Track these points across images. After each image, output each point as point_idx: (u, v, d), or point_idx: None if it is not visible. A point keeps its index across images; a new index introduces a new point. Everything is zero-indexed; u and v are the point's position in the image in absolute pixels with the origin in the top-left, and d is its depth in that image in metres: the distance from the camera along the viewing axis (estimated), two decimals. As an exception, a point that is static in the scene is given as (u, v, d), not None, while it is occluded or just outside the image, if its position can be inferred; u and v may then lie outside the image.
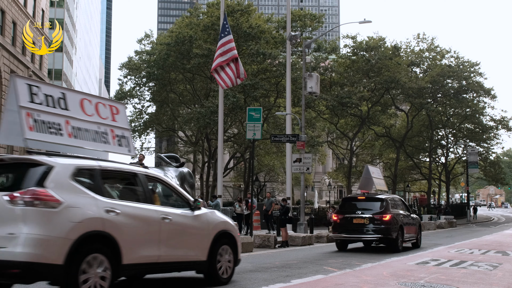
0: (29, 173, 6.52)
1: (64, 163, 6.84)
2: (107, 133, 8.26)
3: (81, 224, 6.48)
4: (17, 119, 6.97)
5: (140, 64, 42.84)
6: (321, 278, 9.97)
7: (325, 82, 42.11)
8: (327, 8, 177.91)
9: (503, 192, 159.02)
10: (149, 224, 7.50)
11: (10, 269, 6.06)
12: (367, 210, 16.66)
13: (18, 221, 6.11)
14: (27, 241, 6.03)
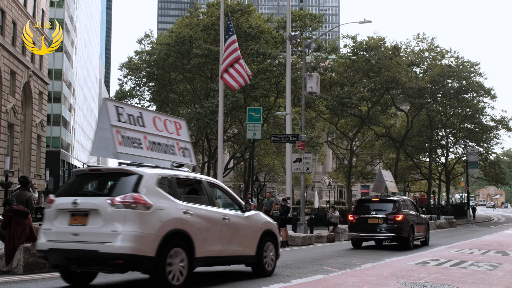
0: (124, 181, 7.84)
1: (150, 172, 8.09)
2: (174, 146, 9.63)
3: (167, 223, 7.77)
4: (108, 136, 8.28)
5: (140, 64, 42.82)
6: (321, 278, 9.97)
7: (325, 82, 42.09)
8: (327, 8, 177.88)
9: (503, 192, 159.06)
10: (214, 224, 8.84)
11: (115, 260, 7.30)
12: (381, 211, 17.96)
13: (120, 220, 7.37)
14: (128, 237, 7.30)
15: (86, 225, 7.57)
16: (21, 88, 40.47)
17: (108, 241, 7.31)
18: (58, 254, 7.81)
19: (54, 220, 7.97)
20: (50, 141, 65.24)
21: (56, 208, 8.00)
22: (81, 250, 7.49)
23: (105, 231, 7.38)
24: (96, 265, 7.66)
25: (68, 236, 7.69)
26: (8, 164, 36.21)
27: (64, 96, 73.35)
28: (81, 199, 7.78)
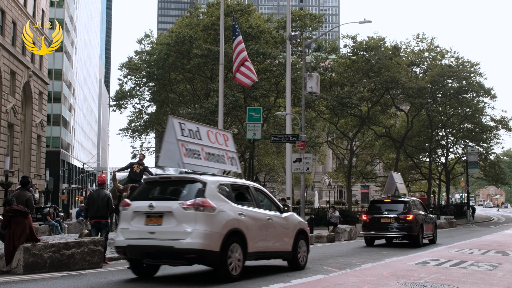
0: (191, 187, 9.24)
1: (212, 180, 9.47)
2: (224, 156, 11.06)
3: (227, 223, 9.10)
4: (173, 148, 9.74)
5: (140, 64, 42.82)
6: (321, 278, 9.97)
7: (325, 82, 42.08)
8: (327, 8, 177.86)
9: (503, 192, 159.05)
10: (261, 223, 10.17)
11: (188, 254, 8.66)
12: (392, 211, 19.26)
13: (191, 221, 8.73)
14: (198, 235, 8.65)
15: (161, 225, 8.94)
16: (21, 88, 40.47)
17: (181, 238, 8.69)
18: (136, 249, 9.13)
19: (131, 221, 9.29)
20: (50, 141, 65.24)
21: (133, 210, 9.31)
22: (158, 246, 8.85)
23: (179, 230, 8.74)
24: (170, 259, 9.09)
25: (145, 234, 9.05)
26: (8, 164, 36.20)
27: (64, 96, 73.35)
28: (156, 203, 9.13)
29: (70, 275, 10.25)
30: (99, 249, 11.64)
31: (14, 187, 32.61)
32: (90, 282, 9.44)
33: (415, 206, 19.91)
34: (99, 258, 11.63)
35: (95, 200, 12.77)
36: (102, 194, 12.85)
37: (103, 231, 12.89)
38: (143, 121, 45.80)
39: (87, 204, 13.10)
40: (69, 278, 9.83)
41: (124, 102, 44.77)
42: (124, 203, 9.59)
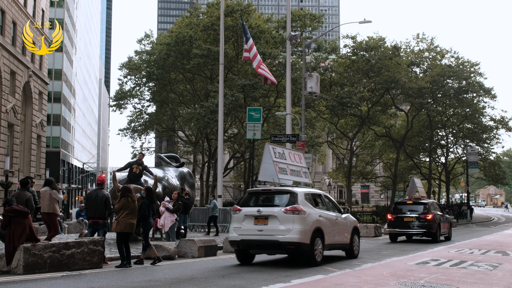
0: (287, 196, 12.47)
1: (300, 190, 12.75)
2: (300, 171, 15.03)
3: (313, 223, 12.28)
4: (269, 167, 13.57)
5: (140, 64, 42.80)
6: (321, 278, 9.98)
7: (325, 82, 42.06)
8: (327, 8, 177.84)
9: (503, 192, 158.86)
10: (332, 222, 13.34)
11: (289, 246, 11.87)
12: (414, 211, 21.98)
13: (290, 222, 11.87)
14: (296, 232, 11.79)
15: (267, 225, 12.06)
16: (21, 88, 40.47)
17: (284, 234, 11.83)
18: (247, 243, 12.32)
19: (242, 222, 12.40)
20: (50, 141, 65.24)
21: (244, 214, 12.44)
22: (266, 240, 12.04)
23: (281, 228, 11.88)
24: (274, 249, 12.52)
25: (254, 232, 12.13)
26: (8, 164, 36.20)
27: (64, 96, 73.35)
28: (262, 208, 12.34)
29: (70, 275, 10.25)
30: (99, 249, 11.64)
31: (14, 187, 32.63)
32: (90, 282, 9.44)
33: (433, 207, 22.74)
34: (99, 258, 11.63)
35: (93, 201, 12.75)
36: (100, 195, 12.82)
37: (100, 232, 12.85)
38: (143, 121, 45.78)
39: (86, 204, 13.10)
40: (69, 278, 9.83)
41: (124, 102, 44.76)
42: (235, 208, 12.75)
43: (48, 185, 13.42)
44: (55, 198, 13.28)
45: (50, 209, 13.27)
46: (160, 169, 20.58)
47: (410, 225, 21.58)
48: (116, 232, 11.90)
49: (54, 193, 13.27)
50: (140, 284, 9.26)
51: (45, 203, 13.37)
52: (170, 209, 16.46)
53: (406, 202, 23.34)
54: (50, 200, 13.22)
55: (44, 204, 13.40)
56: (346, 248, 14.23)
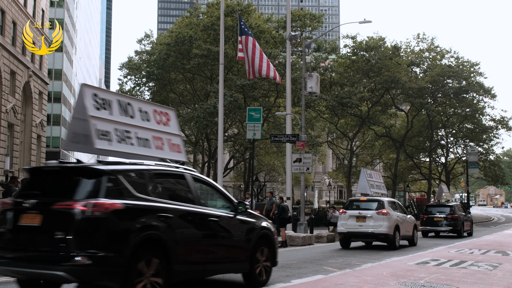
0: (377, 203, 18.49)
1: (386, 199, 19.25)
2: (380, 185, 23.73)
3: (394, 221, 17.95)
4: (366, 183, 21.42)
5: (140, 64, 42.78)
6: (321, 278, 9.98)
7: (325, 82, 42.05)
8: (327, 8, 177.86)
9: (503, 192, 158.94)
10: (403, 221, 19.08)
11: (381, 236, 17.76)
12: (442, 212, 26.73)
13: (381, 220, 17.80)
14: (385, 227, 17.66)
15: (365, 222, 18.11)
16: (21, 88, 40.47)
17: (377, 228, 17.81)
18: (351, 234, 18.44)
19: (347, 220, 18.47)
20: (50, 141, 65.24)
21: (348, 214, 18.52)
22: (364, 232, 18.10)
23: (375, 224, 17.89)
24: (370, 238, 18.42)
25: (356, 227, 18.27)
26: (8, 164, 36.19)
27: (64, 96, 73.35)
28: (362, 211, 18.38)
29: (70, 275, 10.22)
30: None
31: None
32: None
33: (458, 208, 27.52)
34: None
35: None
36: None
37: None
38: (143, 121, 45.71)
39: None
40: (69, 278, 9.80)
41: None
42: (342, 211, 19.24)
43: None
44: None
45: None
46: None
47: (439, 224, 26.40)
48: None
49: None
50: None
51: None
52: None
53: (435, 205, 28.81)
54: None
55: None
56: (409, 239, 19.70)
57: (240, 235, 8.59)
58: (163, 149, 8.53)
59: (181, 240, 7.23)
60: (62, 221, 6.30)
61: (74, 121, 7.67)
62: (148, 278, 6.65)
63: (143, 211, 6.83)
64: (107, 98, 7.68)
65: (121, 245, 6.39)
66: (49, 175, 7.23)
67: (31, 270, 6.40)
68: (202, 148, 45.25)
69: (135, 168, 7.33)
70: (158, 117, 8.69)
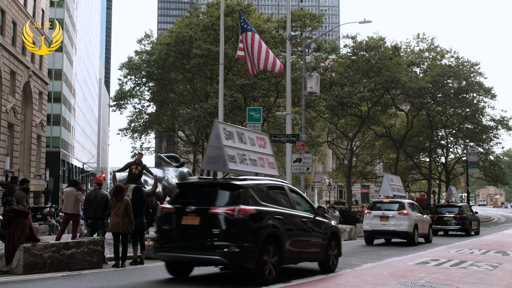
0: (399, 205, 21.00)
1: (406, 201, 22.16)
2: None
3: (414, 220, 20.45)
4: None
5: (140, 64, 42.77)
6: (321, 278, 9.98)
7: (325, 82, 42.03)
8: (327, 8, 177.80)
9: (503, 192, 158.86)
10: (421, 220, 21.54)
11: (402, 233, 20.14)
12: (451, 212, 28.47)
13: (402, 219, 20.09)
14: (406, 225, 19.97)
15: (388, 221, 20.24)
16: (21, 88, 40.47)
17: (399, 227, 19.93)
18: (375, 231, 20.64)
19: (372, 220, 20.64)
20: (50, 141, 65.22)
21: (373, 214, 20.70)
22: (388, 230, 20.23)
23: (397, 223, 20.05)
24: (392, 235, 20.60)
25: (380, 225, 20.40)
26: (8, 164, 36.20)
27: (64, 96, 73.33)
28: (385, 212, 20.49)
29: (70, 275, 10.25)
30: (99, 249, 11.63)
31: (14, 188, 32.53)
32: (90, 282, 9.43)
33: (466, 209, 29.52)
34: (99, 258, 11.63)
35: (93, 201, 12.72)
36: (100, 195, 12.81)
37: (99, 232, 12.84)
38: (143, 121, 45.74)
39: (85, 205, 13.05)
40: (69, 278, 9.83)
41: (124, 102, 44.71)
42: (366, 211, 21.46)
43: (74, 186, 13.88)
44: (80, 199, 13.66)
45: (75, 210, 13.68)
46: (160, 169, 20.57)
47: (448, 223, 28.13)
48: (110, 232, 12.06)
49: (80, 195, 13.68)
50: (140, 284, 9.26)
51: (70, 204, 13.67)
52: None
53: (445, 205, 30.81)
54: (75, 201, 13.62)
55: (68, 205, 13.69)
56: (425, 236, 21.88)
57: (319, 231, 10.95)
58: (264, 166, 11.24)
59: (287, 234, 9.70)
60: (216, 221, 8.78)
61: (210, 148, 10.21)
62: (270, 262, 9.17)
63: (266, 214, 9.34)
64: (231, 130, 10.34)
65: (256, 238, 8.90)
66: (198, 188, 9.87)
67: (192, 256, 8.97)
68: (202, 148, 45.20)
69: (257, 182, 9.89)
70: (259, 142, 11.36)
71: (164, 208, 9.67)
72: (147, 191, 15.37)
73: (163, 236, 9.45)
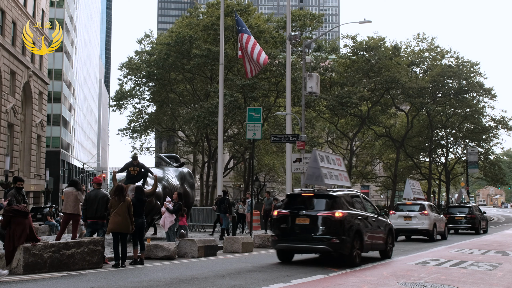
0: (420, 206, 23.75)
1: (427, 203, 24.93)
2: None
3: (433, 219, 23.09)
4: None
5: (140, 64, 42.74)
6: (321, 278, 9.98)
7: (325, 82, 42.03)
8: (327, 8, 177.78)
9: (503, 192, 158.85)
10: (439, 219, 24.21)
11: (423, 231, 22.72)
12: (462, 212, 30.67)
13: (423, 219, 22.83)
14: (427, 224, 22.70)
15: (411, 221, 22.92)
16: (21, 88, 40.46)
17: (420, 225, 22.63)
18: (400, 229, 22.49)
19: (396, 219, 22.76)
20: (50, 141, 65.21)
21: (398, 215, 23.21)
22: (410, 228, 22.88)
23: (419, 222, 22.71)
24: (414, 233, 23.06)
25: (404, 224, 22.94)
26: (8, 164, 36.18)
27: (64, 96, 73.33)
28: (409, 212, 23.19)
29: (70, 275, 10.25)
30: (99, 249, 11.62)
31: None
32: (90, 282, 9.43)
33: (475, 209, 31.64)
34: (99, 258, 11.62)
35: (93, 201, 12.71)
36: (100, 195, 12.80)
37: (99, 232, 12.83)
38: (143, 121, 45.73)
39: (85, 205, 13.03)
40: (69, 278, 9.83)
41: (124, 102, 44.71)
42: (391, 212, 23.99)
43: (74, 186, 13.94)
44: (79, 199, 13.70)
45: (75, 210, 13.75)
46: (160, 169, 20.58)
47: (459, 222, 30.15)
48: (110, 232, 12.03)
49: (79, 195, 13.74)
50: (140, 284, 9.26)
51: (70, 204, 13.70)
52: (170, 210, 16.46)
53: (456, 206, 33.15)
54: (75, 202, 13.69)
55: (68, 205, 13.72)
56: (442, 234, 24.20)
57: (381, 228, 14.39)
58: (342, 180, 15.63)
59: (365, 230, 13.10)
60: (323, 222, 12.32)
61: (310, 168, 14.68)
62: (356, 250, 12.52)
63: (353, 216, 12.77)
64: (322, 155, 14.84)
65: (349, 233, 12.30)
66: (303, 197, 13.23)
67: (305, 246, 12.55)
68: (202, 148, 45.23)
69: (345, 193, 13.56)
70: (337, 162, 15.97)
71: (280, 212, 13.03)
72: (147, 191, 15.39)
73: (280, 232, 12.83)
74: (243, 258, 14.15)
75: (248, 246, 16.49)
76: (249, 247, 16.52)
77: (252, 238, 18.23)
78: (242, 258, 14.15)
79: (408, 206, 24.06)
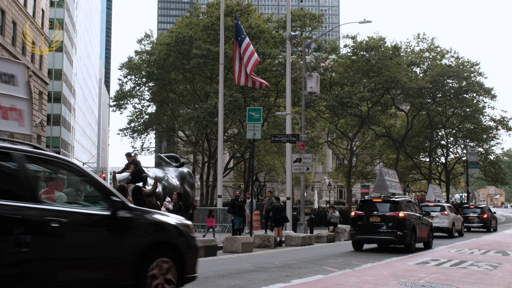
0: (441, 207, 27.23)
1: (446, 204, 28.67)
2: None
3: (452, 219, 26.46)
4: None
5: (140, 64, 42.74)
6: (321, 278, 9.98)
7: (325, 82, 42.03)
8: (327, 8, 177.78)
9: (503, 192, 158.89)
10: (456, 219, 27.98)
11: (444, 228, 26.03)
12: (475, 212, 34.16)
13: (444, 218, 26.15)
14: (446, 223, 26.29)
15: (433, 220, 23.91)
16: (21, 88, 40.42)
17: (441, 224, 25.68)
18: None
19: None
20: (50, 141, 65.23)
21: None
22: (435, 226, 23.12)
23: (440, 221, 25.69)
24: (436, 231, 23.11)
25: None
26: (8, 164, 36.12)
27: (64, 96, 73.35)
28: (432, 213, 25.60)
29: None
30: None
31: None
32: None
33: (487, 209, 35.09)
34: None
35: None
36: None
37: None
38: (143, 121, 45.73)
39: None
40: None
41: (124, 102, 44.71)
42: None
43: None
44: None
45: None
46: (160, 169, 20.59)
47: (472, 221, 33.32)
48: None
49: None
50: None
51: None
52: (170, 210, 16.47)
53: (469, 207, 36.14)
54: None
55: None
56: (459, 231, 27.14)
57: (425, 224, 18.42)
58: (398, 189, 21.30)
59: (417, 226, 17.17)
60: (390, 220, 16.43)
61: (377, 181, 20.63)
62: (412, 240, 16.55)
63: (410, 215, 16.94)
64: (385, 170, 21.11)
65: (408, 228, 16.47)
66: (373, 202, 17.62)
67: (377, 237, 16.89)
68: (202, 148, 45.23)
69: (403, 199, 17.86)
70: (393, 175, 21.78)
71: (357, 212, 17.25)
72: (147, 191, 15.39)
73: (357, 228, 17.08)
74: (243, 258, 14.15)
75: (248, 246, 16.49)
76: (249, 247, 16.52)
77: (252, 238, 18.24)
78: (242, 258, 14.15)
79: (430, 207, 27.10)
